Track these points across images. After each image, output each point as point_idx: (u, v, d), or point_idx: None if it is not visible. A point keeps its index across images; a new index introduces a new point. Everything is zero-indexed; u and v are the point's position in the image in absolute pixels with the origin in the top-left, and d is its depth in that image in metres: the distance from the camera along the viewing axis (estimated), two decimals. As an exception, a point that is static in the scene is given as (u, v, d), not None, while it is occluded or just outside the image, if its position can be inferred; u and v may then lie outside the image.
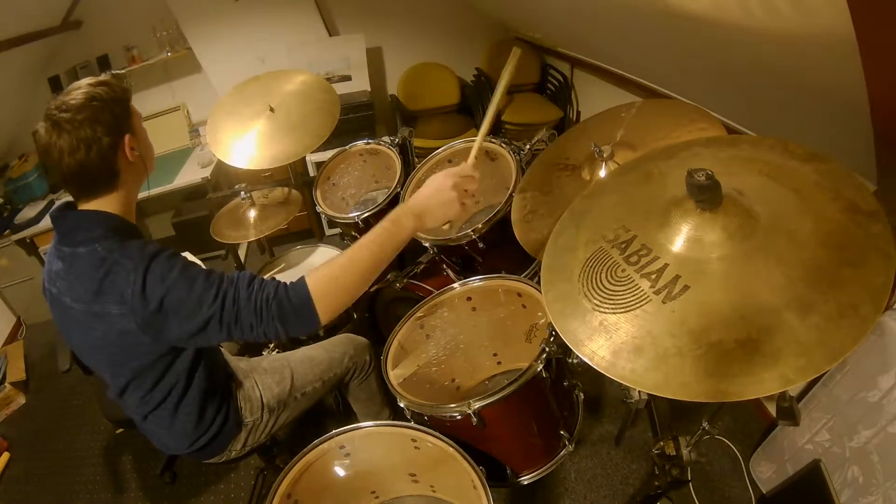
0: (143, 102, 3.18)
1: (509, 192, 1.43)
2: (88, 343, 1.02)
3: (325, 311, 0.93)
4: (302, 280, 0.93)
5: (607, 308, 0.76)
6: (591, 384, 1.79)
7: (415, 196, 1.04)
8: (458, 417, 1.08)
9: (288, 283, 0.94)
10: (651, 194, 0.87)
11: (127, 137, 0.97)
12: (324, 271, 0.95)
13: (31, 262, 2.99)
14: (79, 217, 0.98)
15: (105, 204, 0.98)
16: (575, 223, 0.93)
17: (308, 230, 3.07)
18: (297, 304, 0.92)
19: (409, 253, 1.96)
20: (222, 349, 1.31)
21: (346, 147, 2.02)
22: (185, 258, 0.96)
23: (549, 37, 3.09)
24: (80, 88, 0.93)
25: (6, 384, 2.57)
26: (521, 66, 1.13)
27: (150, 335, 0.93)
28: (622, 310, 0.74)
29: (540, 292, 0.98)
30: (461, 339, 1.41)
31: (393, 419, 1.34)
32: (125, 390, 1.08)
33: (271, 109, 1.81)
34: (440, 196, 1.02)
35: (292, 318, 0.92)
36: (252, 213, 1.89)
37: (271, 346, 1.63)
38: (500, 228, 1.41)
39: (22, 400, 2.59)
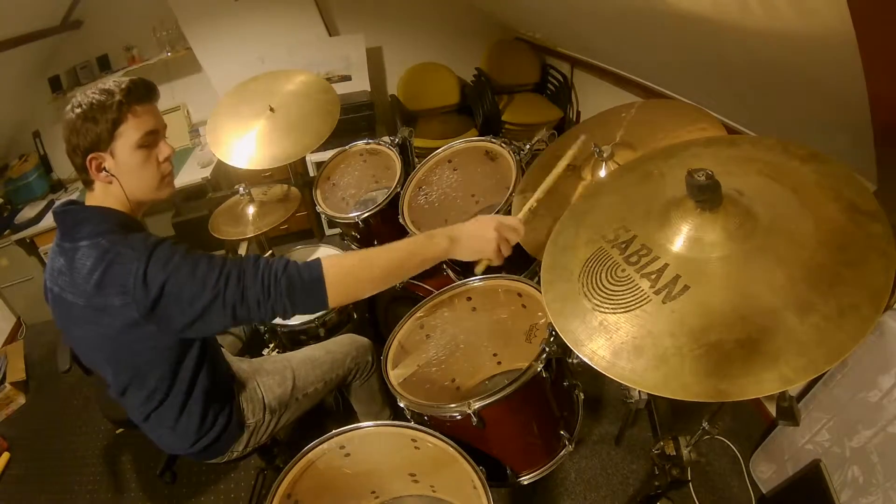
0: (143, 102, 3.18)
1: (509, 192, 1.43)
2: (90, 340, 1.02)
3: (335, 295, 0.95)
4: (317, 260, 0.95)
5: (607, 308, 0.76)
6: (591, 384, 1.79)
7: (458, 224, 1.06)
8: (458, 417, 1.08)
9: (300, 262, 0.95)
10: (651, 194, 0.87)
11: (95, 156, 0.95)
12: (342, 258, 0.97)
13: (31, 262, 2.99)
14: (82, 213, 0.98)
15: (108, 199, 0.99)
16: (575, 223, 0.93)
17: (308, 230, 3.07)
18: (308, 280, 0.93)
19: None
20: (224, 350, 1.31)
21: (346, 147, 2.02)
22: (188, 246, 0.96)
23: (549, 37, 3.09)
24: (83, 94, 0.95)
25: (6, 384, 2.56)
26: (523, 68, 1.17)
27: (153, 324, 0.93)
28: (622, 310, 0.74)
29: (540, 292, 0.98)
30: (461, 339, 1.41)
31: (393, 419, 1.34)
32: (126, 389, 1.07)
33: (271, 109, 1.81)
34: (480, 232, 1.04)
35: (301, 295, 0.93)
36: (251, 210, 1.88)
37: (272, 345, 1.63)
38: (500, 228, 1.40)
39: (22, 400, 2.59)
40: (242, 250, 1.82)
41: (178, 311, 0.91)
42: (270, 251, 1.99)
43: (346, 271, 0.97)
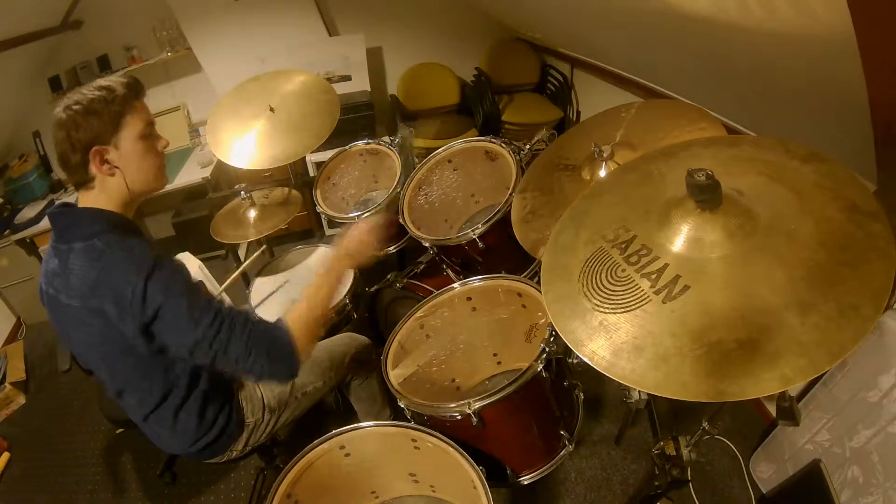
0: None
1: (509, 192, 1.43)
2: (85, 341, 1.02)
3: (303, 355, 1.00)
4: (281, 329, 0.99)
5: (607, 308, 0.76)
6: (591, 384, 1.78)
7: (337, 242, 1.20)
8: (458, 417, 1.08)
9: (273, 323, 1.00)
10: (651, 194, 0.87)
11: (99, 148, 0.95)
12: (296, 318, 1.01)
13: (31, 262, 2.99)
14: (76, 214, 0.98)
15: (102, 198, 0.99)
16: (575, 223, 0.93)
17: (308, 230, 3.07)
18: (284, 353, 0.98)
19: (410, 253, 1.96)
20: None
21: (346, 147, 2.02)
22: (188, 273, 0.97)
23: (549, 37, 3.09)
24: (78, 93, 0.95)
25: (6, 384, 2.56)
26: (523, 68, 1.19)
27: (143, 337, 0.93)
28: (622, 310, 0.74)
29: (540, 292, 0.98)
30: (461, 339, 1.41)
31: (393, 419, 1.34)
32: (123, 390, 1.08)
33: (271, 109, 1.81)
34: (356, 234, 1.18)
35: (280, 364, 0.98)
36: (252, 213, 1.89)
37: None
38: (500, 228, 1.41)
39: (22, 400, 2.59)
40: (242, 251, 1.83)
41: (167, 336, 0.94)
42: (270, 251, 1.99)
43: (305, 328, 1.01)
